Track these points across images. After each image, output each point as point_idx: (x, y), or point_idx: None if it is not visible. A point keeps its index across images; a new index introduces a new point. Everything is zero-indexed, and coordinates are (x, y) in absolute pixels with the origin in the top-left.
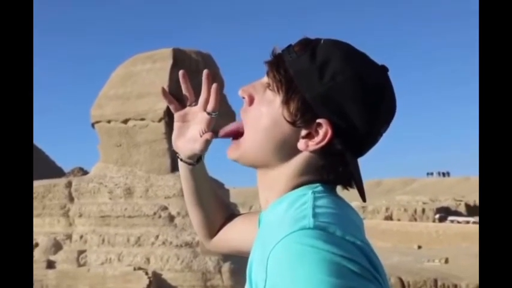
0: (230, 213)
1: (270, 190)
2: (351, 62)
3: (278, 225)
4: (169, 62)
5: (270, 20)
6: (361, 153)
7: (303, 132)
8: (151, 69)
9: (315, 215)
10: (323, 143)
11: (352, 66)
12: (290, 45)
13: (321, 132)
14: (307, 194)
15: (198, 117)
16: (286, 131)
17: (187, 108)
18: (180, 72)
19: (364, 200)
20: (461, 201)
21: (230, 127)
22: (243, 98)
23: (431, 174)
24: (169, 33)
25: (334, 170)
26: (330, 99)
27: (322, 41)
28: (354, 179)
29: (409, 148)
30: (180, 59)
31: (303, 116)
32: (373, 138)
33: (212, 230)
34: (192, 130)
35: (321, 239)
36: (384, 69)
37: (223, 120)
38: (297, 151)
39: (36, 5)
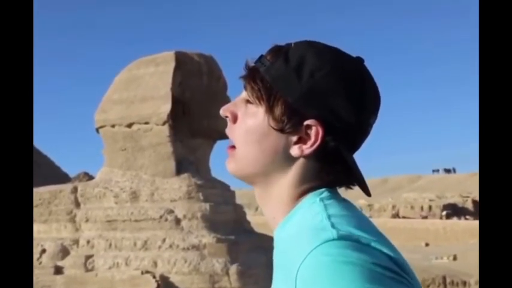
0: None
1: (275, 205)
2: (325, 58)
3: (296, 241)
4: (172, 65)
5: (273, 21)
6: (355, 147)
7: (294, 137)
8: (154, 73)
9: (333, 225)
10: (316, 144)
11: (328, 60)
12: (262, 56)
13: (312, 133)
14: (315, 202)
15: None
16: (276, 140)
17: None
18: None
19: (368, 194)
20: (468, 197)
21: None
22: (226, 117)
23: (437, 171)
24: (172, 35)
25: (333, 170)
26: (312, 97)
27: (292, 44)
28: (354, 175)
29: (414, 145)
30: (182, 62)
31: (290, 121)
32: (363, 129)
33: None
34: None
35: (349, 249)
36: (359, 60)
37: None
38: (292, 158)
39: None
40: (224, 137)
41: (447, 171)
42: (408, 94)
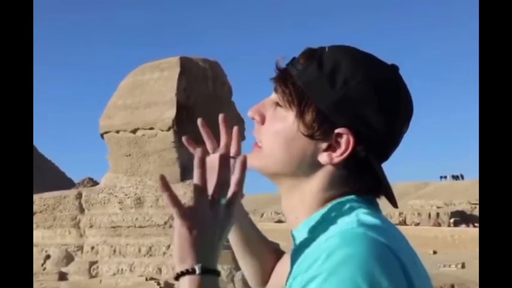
0: (281, 254)
1: (299, 208)
2: (360, 65)
3: (322, 242)
4: (176, 71)
5: (276, 25)
6: (385, 156)
7: (323, 144)
8: (159, 78)
9: (359, 220)
10: (346, 154)
11: (362, 68)
12: (294, 58)
13: (343, 142)
14: (345, 207)
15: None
16: (305, 145)
17: (209, 156)
18: (199, 121)
19: (395, 206)
20: (476, 204)
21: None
22: (253, 119)
23: (445, 177)
24: (176, 41)
25: (361, 179)
26: (345, 106)
27: (326, 49)
28: (382, 185)
29: (421, 151)
30: (187, 67)
31: (321, 128)
32: (395, 139)
33: (265, 277)
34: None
35: (376, 239)
36: (394, 68)
37: (233, 126)
38: (319, 164)
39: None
40: None
41: (455, 177)
42: (415, 100)
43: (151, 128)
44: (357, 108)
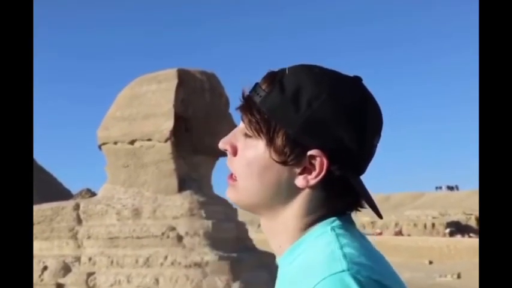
0: None
1: (281, 236)
2: (322, 84)
3: (307, 270)
4: (174, 82)
5: (274, 37)
6: (362, 170)
7: (298, 169)
8: (157, 90)
9: (345, 256)
10: (322, 175)
11: (324, 87)
12: (256, 84)
13: (317, 164)
14: (326, 232)
15: None
16: (279, 172)
17: None
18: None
19: (380, 217)
20: (471, 214)
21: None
22: (225, 150)
23: (440, 188)
24: (173, 52)
25: (341, 197)
26: (313, 127)
27: (286, 71)
28: (363, 199)
29: (417, 162)
30: (185, 79)
31: (293, 153)
32: (368, 152)
33: None
34: None
35: (358, 285)
36: (357, 80)
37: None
38: (297, 189)
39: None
40: (226, 154)
41: (450, 188)
42: (410, 111)
43: (149, 140)
44: (325, 128)
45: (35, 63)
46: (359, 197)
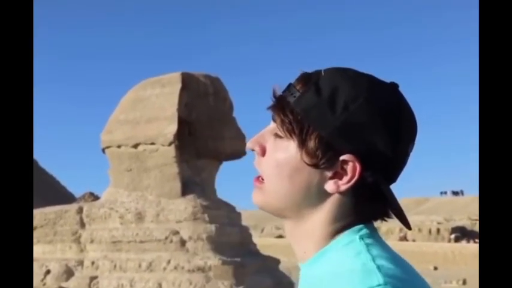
0: None
1: (307, 241)
2: (359, 87)
3: (334, 281)
4: (178, 86)
5: (279, 41)
6: (393, 178)
7: (329, 172)
8: (160, 94)
9: (379, 269)
10: (354, 180)
11: (362, 90)
12: (290, 84)
13: (349, 169)
14: (355, 241)
15: None
16: (310, 175)
17: None
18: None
19: (409, 227)
20: (476, 220)
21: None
22: (253, 150)
23: (445, 193)
24: (177, 55)
25: (370, 205)
26: (348, 131)
27: (323, 72)
28: (392, 208)
29: (421, 167)
30: (189, 83)
31: (325, 156)
32: (402, 160)
33: None
34: None
35: None
36: (394, 86)
37: (234, 142)
38: (326, 194)
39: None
40: (229, 158)
41: (455, 193)
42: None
43: (153, 143)
44: (360, 133)
45: (36, 63)
46: (386, 206)
